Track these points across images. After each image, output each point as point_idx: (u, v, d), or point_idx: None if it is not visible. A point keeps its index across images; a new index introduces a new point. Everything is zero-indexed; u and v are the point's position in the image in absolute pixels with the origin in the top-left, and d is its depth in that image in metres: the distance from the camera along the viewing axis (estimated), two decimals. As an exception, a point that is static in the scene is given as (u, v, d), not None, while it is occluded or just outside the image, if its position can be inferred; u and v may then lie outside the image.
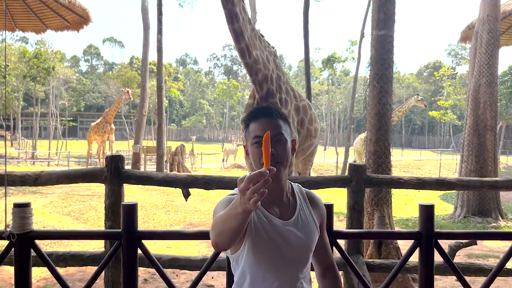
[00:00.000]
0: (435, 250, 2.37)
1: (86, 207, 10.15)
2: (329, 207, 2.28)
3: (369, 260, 3.90)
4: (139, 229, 2.42)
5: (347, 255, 2.50)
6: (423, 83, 67.55)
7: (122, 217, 2.32)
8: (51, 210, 9.76)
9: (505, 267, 2.69)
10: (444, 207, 13.61)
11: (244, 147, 1.67)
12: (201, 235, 2.51)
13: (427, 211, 2.31)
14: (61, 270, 3.04)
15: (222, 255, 2.42)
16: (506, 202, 12.63)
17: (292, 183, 1.72)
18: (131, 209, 2.32)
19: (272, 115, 1.58)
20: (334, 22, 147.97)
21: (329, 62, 39.17)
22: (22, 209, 2.28)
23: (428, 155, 38.95)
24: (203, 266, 2.42)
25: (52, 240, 6.53)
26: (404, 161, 30.16)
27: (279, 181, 1.56)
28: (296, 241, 1.56)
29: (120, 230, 2.33)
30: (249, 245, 1.53)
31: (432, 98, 58.73)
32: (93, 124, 21.24)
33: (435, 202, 14.62)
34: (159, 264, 2.37)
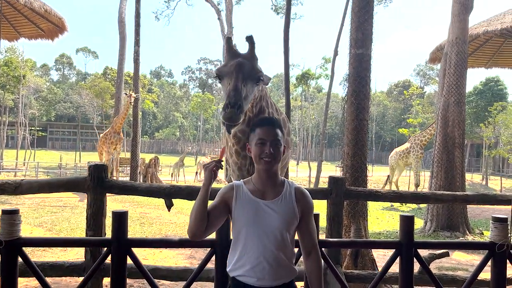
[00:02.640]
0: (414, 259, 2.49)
1: (58, 218, 9.92)
2: (315, 217, 2.37)
3: (347, 271, 4.01)
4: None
5: (332, 263, 2.59)
6: (393, 101, 69.38)
7: (112, 224, 2.35)
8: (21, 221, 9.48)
9: (477, 278, 2.83)
10: (414, 221, 13.99)
11: (247, 145, 2.22)
12: (189, 243, 2.55)
13: (407, 222, 2.44)
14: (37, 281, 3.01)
15: (209, 265, 2.47)
16: (472, 218, 13.09)
17: (286, 179, 2.22)
18: (122, 217, 2.36)
19: (274, 124, 2.15)
20: (308, 40, 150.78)
21: (303, 78, 39.77)
22: (10, 216, 2.27)
23: (398, 171, 39.72)
24: (192, 273, 2.46)
25: (27, 250, 6.35)
26: (375, 177, 30.74)
27: (272, 173, 2.13)
28: (270, 217, 2.05)
29: (110, 238, 2.35)
30: (234, 217, 2.09)
31: (402, 116, 60.34)
32: (102, 134, 19.90)
33: (405, 217, 15.08)
34: (148, 273, 2.40)
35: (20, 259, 2.32)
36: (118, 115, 19.04)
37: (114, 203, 13.12)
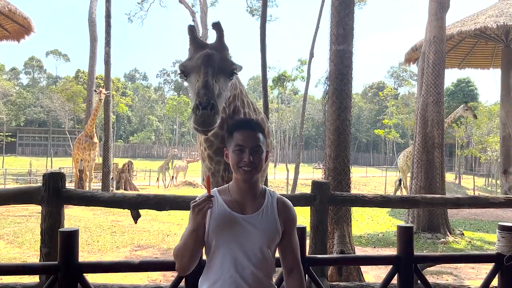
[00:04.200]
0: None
1: (22, 229, 9.30)
2: (301, 231, 2.05)
3: (334, 283, 3.69)
4: (80, 259, 2.06)
5: (317, 278, 2.26)
6: (368, 102, 70.19)
7: (59, 246, 1.95)
8: (-20, 233, 8.84)
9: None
10: (393, 222, 13.86)
11: (224, 150, 1.94)
12: (153, 266, 2.18)
13: (406, 233, 2.14)
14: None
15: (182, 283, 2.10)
16: (450, 217, 13.07)
17: (268, 188, 1.97)
18: (71, 237, 1.96)
19: (254, 128, 1.88)
20: (284, 42, 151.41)
21: (280, 80, 39.69)
22: None
23: (374, 172, 40.19)
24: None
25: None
26: (353, 178, 30.82)
27: (252, 183, 1.87)
28: (250, 234, 1.80)
29: (56, 262, 1.96)
30: (208, 234, 1.82)
31: (377, 117, 61.04)
32: (76, 139, 17.67)
33: (384, 218, 14.93)
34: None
35: None
36: (90, 117, 16.87)
37: (84, 211, 12.51)
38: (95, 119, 15.71)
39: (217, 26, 2.59)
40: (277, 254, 1.97)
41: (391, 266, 2.30)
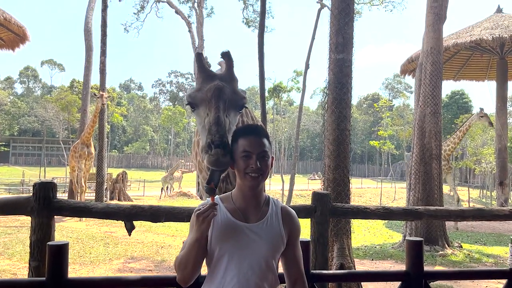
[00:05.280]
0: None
1: (12, 240, 9.07)
2: (306, 245, 1.93)
3: (335, 298, 3.56)
4: (71, 272, 1.93)
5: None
6: (363, 114, 70.43)
7: (47, 261, 1.83)
8: (-31, 244, 8.61)
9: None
10: (390, 234, 13.73)
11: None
12: (151, 282, 2.05)
13: (415, 248, 2.03)
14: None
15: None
16: (447, 229, 12.97)
17: (271, 197, 1.92)
18: (60, 251, 1.84)
19: (259, 134, 1.85)
20: (279, 53, 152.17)
21: (275, 91, 39.73)
22: None
23: (369, 183, 40.12)
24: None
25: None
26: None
27: (257, 191, 1.83)
28: (254, 243, 1.75)
29: (44, 278, 1.83)
30: (210, 244, 1.76)
31: (372, 129, 61.18)
32: (71, 147, 16.46)
33: (380, 230, 14.80)
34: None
35: None
36: (87, 124, 15.81)
37: (78, 222, 12.30)
38: (94, 126, 14.89)
39: (227, 55, 2.41)
40: (280, 269, 1.87)
41: (398, 282, 2.20)
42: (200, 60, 2.49)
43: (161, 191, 25.85)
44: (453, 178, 14.81)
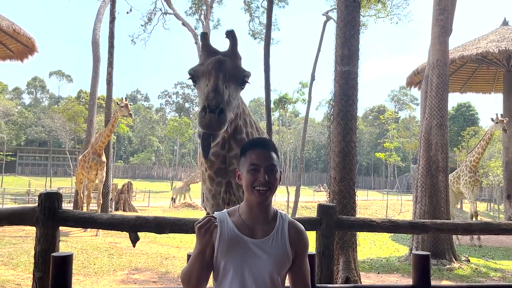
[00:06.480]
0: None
1: (17, 250, 9.07)
2: (311, 258, 1.91)
3: (340, 312, 3.52)
4: (75, 283, 1.92)
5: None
6: (369, 126, 70.29)
7: (51, 272, 1.82)
8: (-25, 254, 8.62)
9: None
10: (397, 248, 13.59)
11: (237, 171, 1.88)
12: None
13: (422, 262, 2.00)
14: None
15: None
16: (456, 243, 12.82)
17: (279, 210, 1.89)
18: (64, 262, 1.83)
19: (268, 147, 1.84)
20: (285, 65, 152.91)
21: (281, 103, 39.84)
22: None
23: (374, 196, 39.92)
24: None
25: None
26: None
27: (265, 206, 1.81)
28: (260, 260, 1.73)
29: (48, 289, 1.82)
30: (216, 260, 1.75)
31: (378, 141, 61.00)
32: (80, 156, 15.26)
33: (386, 243, 14.65)
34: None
35: None
36: (101, 132, 14.22)
37: (85, 232, 12.29)
38: (110, 136, 13.93)
39: (231, 34, 2.51)
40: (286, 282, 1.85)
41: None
42: (205, 38, 2.59)
43: (172, 201, 25.82)
44: (475, 191, 14.11)
